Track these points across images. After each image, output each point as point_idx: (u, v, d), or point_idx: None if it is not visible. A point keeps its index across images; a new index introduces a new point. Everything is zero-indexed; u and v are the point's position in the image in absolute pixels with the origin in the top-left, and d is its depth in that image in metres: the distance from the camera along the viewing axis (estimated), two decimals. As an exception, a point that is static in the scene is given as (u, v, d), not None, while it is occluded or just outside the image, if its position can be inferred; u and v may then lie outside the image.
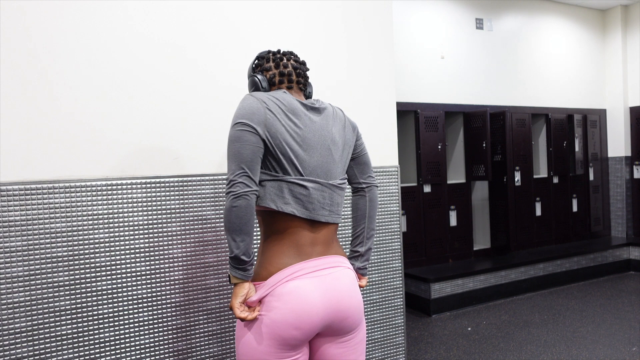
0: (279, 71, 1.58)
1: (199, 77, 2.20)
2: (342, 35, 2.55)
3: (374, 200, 1.68)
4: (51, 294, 1.90)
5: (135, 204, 2.05)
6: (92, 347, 1.97)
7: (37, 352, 1.88)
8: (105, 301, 1.99)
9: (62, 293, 1.92)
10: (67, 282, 1.93)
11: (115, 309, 2.01)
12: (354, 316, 1.50)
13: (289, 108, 1.47)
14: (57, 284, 1.91)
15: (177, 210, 2.13)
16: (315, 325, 1.43)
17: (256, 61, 1.63)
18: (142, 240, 2.06)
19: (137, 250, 2.05)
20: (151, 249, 2.08)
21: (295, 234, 1.46)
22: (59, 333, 1.92)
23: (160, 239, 2.10)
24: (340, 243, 2.48)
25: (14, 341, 1.84)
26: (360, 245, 1.66)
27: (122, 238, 2.03)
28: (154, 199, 2.09)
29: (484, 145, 4.73)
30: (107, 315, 1.99)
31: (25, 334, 1.86)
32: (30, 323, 1.87)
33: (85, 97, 1.99)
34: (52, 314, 1.90)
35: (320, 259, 1.48)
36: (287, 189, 1.44)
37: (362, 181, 1.67)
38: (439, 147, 4.65)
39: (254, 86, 1.58)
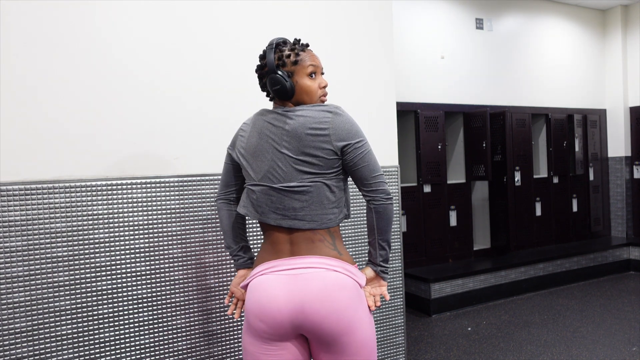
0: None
1: (199, 77, 2.20)
2: (341, 35, 2.55)
3: (380, 213, 1.53)
4: (51, 294, 1.90)
5: (135, 204, 2.05)
6: (92, 347, 1.97)
7: (37, 352, 1.88)
8: (105, 301, 1.99)
9: (62, 293, 1.92)
10: (67, 282, 1.93)
11: (115, 309, 2.01)
12: (331, 323, 1.42)
13: (254, 120, 1.59)
14: (57, 284, 1.91)
15: (177, 210, 2.13)
16: (281, 321, 1.43)
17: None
18: (142, 240, 2.06)
19: (137, 250, 2.05)
20: (151, 249, 2.08)
21: (274, 236, 1.53)
22: (59, 333, 1.92)
23: (160, 239, 2.10)
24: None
25: (14, 341, 1.84)
26: (372, 255, 1.57)
27: (122, 238, 2.03)
28: (154, 199, 2.09)
29: (484, 145, 4.73)
30: (107, 315, 1.99)
31: (25, 334, 1.86)
32: (30, 323, 1.87)
33: (86, 97, 1.99)
34: (52, 314, 1.90)
35: (294, 259, 1.48)
36: (246, 194, 1.59)
37: (365, 194, 1.54)
38: (439, 147, 4.65)
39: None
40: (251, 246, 2.29)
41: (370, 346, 1.49)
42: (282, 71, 1.50)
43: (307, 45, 1.57)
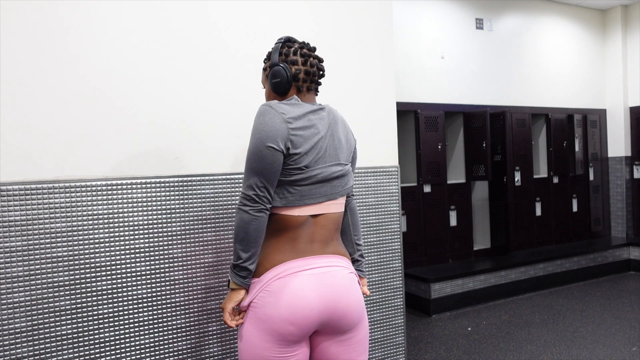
0: (305, 69, 1.53)
1: (199, 76, 2.20)
2: (341, 35, 2.55)
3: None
4: (51, 294, 1.90)
5: (135, 204, 2.05)
6: (92, 347, 1.97)
7: (37, 352, 1.88)
8: (105, 301, 1.99)
9: (62, 293, 1.92)
10: (67, 282, 1.93)
11: (115, 309, 2.01)
12: (353, 314, 1.50)
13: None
14: (57, 284, 1.91)
15: (177, 210, 2.13)
16: (312, 321, 1.43)
17: (284, 49, 1.55)
18: (142, 240, 2.06)
19: (137, 250, 2.05)
20: (151, 249, 2.08)
21: (296, 234, 1.51)
22: (59, 333, 1.92)
23: (160, 239, 2.10)
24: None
25: (14, 341, 1.84)
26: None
27: (122, 238, 2.03)
28: (154, 199, 2.09)
29: (484, 145, 4.73)
30: (107, 315, 1.99)
31: (25, 334, 1.86)
32: (30, 323, 1.87)
33: (85, 96, 1.99)
34: (52, 314, 1.90)
35: (321, 258, 1.50)
36: None
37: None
38: (439, 147, 4.65)
39: (279, 77, 1.51)
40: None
41: (367, 330, 1.62)
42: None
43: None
